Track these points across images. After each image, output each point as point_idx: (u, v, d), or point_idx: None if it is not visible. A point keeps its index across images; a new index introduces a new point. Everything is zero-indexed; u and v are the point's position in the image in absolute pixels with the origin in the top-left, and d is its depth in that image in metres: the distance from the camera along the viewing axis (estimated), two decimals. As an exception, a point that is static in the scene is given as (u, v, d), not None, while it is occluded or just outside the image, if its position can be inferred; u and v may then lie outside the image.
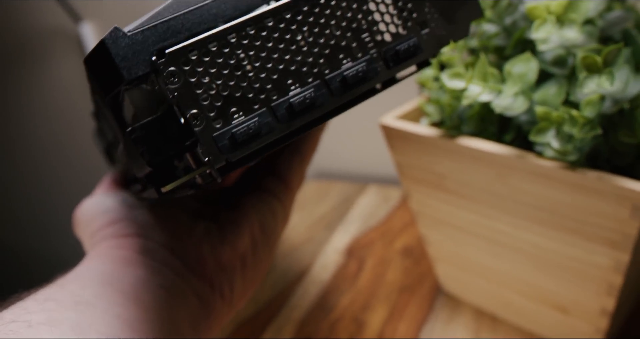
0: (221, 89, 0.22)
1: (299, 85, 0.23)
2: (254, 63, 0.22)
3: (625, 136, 0.34)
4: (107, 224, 0.32)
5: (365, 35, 0.24)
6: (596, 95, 0.30)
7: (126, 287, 0.27)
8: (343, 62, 0.24)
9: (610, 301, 0.37)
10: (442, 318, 0.48)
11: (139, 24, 0.21)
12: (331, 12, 0.24)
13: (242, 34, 0.22)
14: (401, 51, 0.25)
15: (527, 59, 0.33)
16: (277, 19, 0.22)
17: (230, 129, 0.21)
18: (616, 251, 0.34)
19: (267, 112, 0.22)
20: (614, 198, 0.32)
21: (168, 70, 0.21)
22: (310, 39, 0.23)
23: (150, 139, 0.21)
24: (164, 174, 0.23)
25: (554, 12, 0.31)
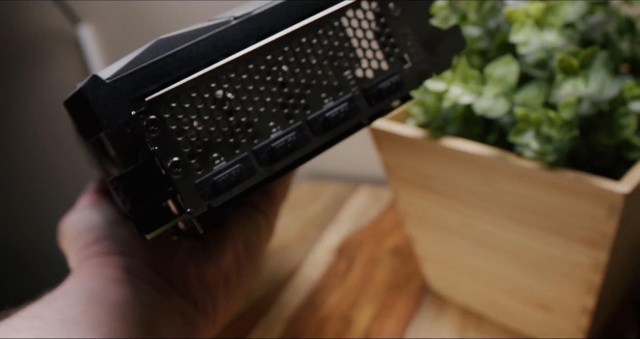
0: (202, 135, 0.21)
1: (280, 127, 0.22)
2: (235, 107, 0.22)
3: (604, 137, 0.34)
4: (92, 242, 0.33)
5: (347, 73, 0.24)
6: (573, 97, 0.31)
7: (111, 306, 0.28)
8: (325, 102, 0.23)
9: (590, 300, 0.38)
10: (428, 316, 0.49)
11: (119, 70, 0.21)
12: (312, 50, 0.23)
13: (222, 77, 0.21)
14: (383, 89, 0.25)
15: (508, 61, 0.34)
16: (257, 60, 0.22)
17: (211, 176, 0.21)
18: (595, 250, 0.35)
19: (249, 157, 0.22)
20: (591, 198, 0.32)
21: (148, 118, 0.20)
22: (292, 79, 0.23)
23: (132, 189, 0.21)
24: (147, 220, 0.23)
25: (532, 15, 0.31)
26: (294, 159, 0.23)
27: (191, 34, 0.22)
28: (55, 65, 0.89)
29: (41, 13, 0.85)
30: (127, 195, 0.21)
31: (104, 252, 0.32)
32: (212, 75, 0.21)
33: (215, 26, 0.22)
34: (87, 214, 0.35)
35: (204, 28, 0.22)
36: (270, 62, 0.22)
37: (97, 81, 0.20)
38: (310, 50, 0.23)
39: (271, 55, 0.22)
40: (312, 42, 0.23)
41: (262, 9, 0.23)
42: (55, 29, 0.86)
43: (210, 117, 0.21)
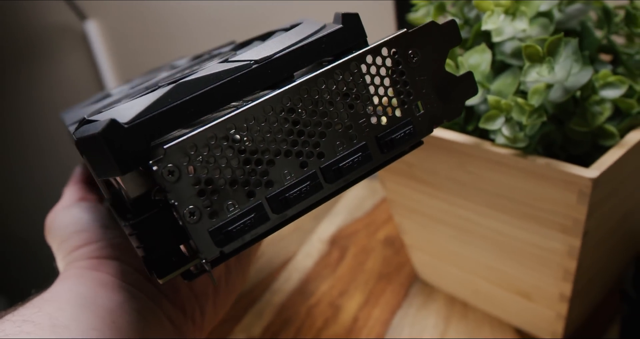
0: (217, 182, 0.21)
1: (294, 175, 0.22)
2: (252, 154, 0.21)
3: (577, 125, 0.35)
4: (83, 244, 0.32)
5: (362, 121, 0.23)
6: (542, 84, 0.31)
7: (102, 311, 0.28)
8: (339, 149, 0.23)
9: (568, 287, 0.38)
10: (415, 304, 0.50)
11: (138, 114, 0.20)
12: (330, 97, 0.22)
13: (242, 124, 0.21)
14: (396, 139, 0.24)
15: (482, 50, 0.35)
16: (277, 107, 0.21)
17: (225, 224, 0.21)
18: (568, 236, 0.35)
19: (262, 205, 0.21)
20: (562, 184, 0.33)
21: (166, 167, 0.20)
22: (308, 126, 0.22)
23: (147, 236, 0.21)
24: (161, 266, 0.22)
25: (503, 4, 0.32)
26: (305, 206, 0.23)
27: (211, 78, 0.21)
28: (63, 58, 0.91)
29: (50, 9, 0.87)
30: (142, 242, 0.21)
31: (94, 256, 0.31)
32: (231, 122, 0.21)
33: (236, 70, 0.21)
34: (77, 212, 0.35)
35: (225, 71, 0.21)
36: (289, 109, 0.22)
37: (115, 125, 0.19)
38: (328, 97, 0.22)
39: (291, 101, 0.22)
40: (332, 89, 0.22)
41: (282, 52, 0.22)
42: (64, 24, 0.88)
43: (227, 164, 0.21)
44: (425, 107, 0.25)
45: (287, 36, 0.24)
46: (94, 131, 0.19)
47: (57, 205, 0.37)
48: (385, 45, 0.24)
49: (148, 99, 0.20)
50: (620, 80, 0.33)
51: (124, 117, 0.20)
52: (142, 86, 0.31)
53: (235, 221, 0.21)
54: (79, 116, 0.41)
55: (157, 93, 0.21)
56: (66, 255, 0.32)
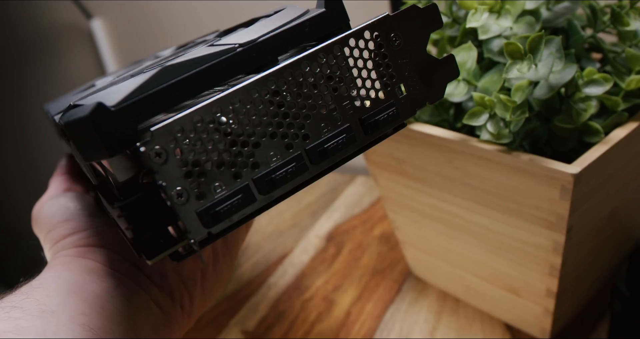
0: (204, 164, 0.21)
1: (279, 156, 0.22)
2: (238, 136, 0.22)
3: (562, 122, 0.35)
4: (70, 233, 0.33)
5: (345, 103, 0.24)
6: (525, 81, 0.32)
7: (90, 297, 0.28)
8: (323, 131, 0.23)
9: (554, 282, 0.38)
10: (408, 300, 0.50)
11: (124, 97, 0.20)
12: (315, 80, 0.23)
13: (227, 107, 0.21)
14: (380, 120, 0.25)
15: (469, 48, 0.35)
16: (262, 90, 0.22)
17: (213, 205, 0.21)
18: (553, 232, 0.35)
19: (249, 186, 0.22)
20: (545, 180, 0.33)
21: (153, 149, 0.20)
22: (293, 109, 0.22)
23: (135, 218, 0.21)
24: (150, 247, 0.22)
25: (487, 3, 0.32)
26: (291, 187, 0.23)
27: (197, 61, 0.21)
28: (70, 55, 0.93)
29: (57, 8, 0.89)
30: (131, 224, 0.21)
31: (82, 244, 0.32)
32: (217, 105, 0.21)
33: (221, 53, 0.22)
34: (63, 202, 0.35)
35: (210, 55, 0.22)
36: (274, 92, 0.22)
37: (102, 109, 0.19)
38: (312, 80, 0.23)
39: (275, 84, 0.22)
40: (315, 72, 0.23)
41: (266, 36, 0.23)
42: (70, 23, 0.90)
43: (214, 146, 0.21)
44: (407, 89, 0.26)
45: (271, 20, 0.24)
46: (81, 115, 0.19)
47: (43, 196, 0.37)
48: (368, 29, 0.24)
49: (134, 83, 0.21)
50: (604, 78, 0.34)
51: (111, 100, 0.20)
52: (127, 74, 0.31)
53: (223, 202, 0.21)
54: (64, 105, 0.42)
55: (143, 77, 0.21)
56: (53, 244, 0.33)
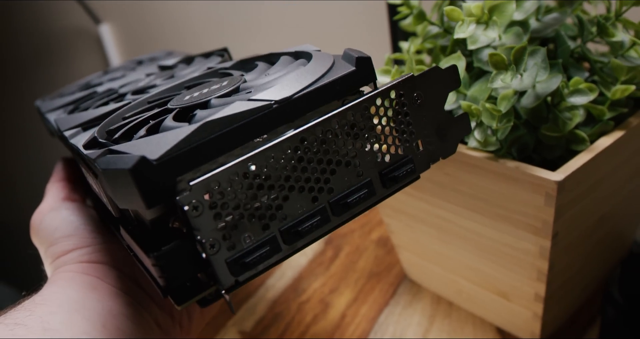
0: (236, 216, 0.22)
1: (305, 208, 0.23)
2: (269, 190, 0.22)
3: (549, 130, 0.36)
4: (72, 249, 0.33)
5: (368, 157, 0.25)
6: (510, 90, 0.33)
7: (92, 315, 0.28)
8: (347, 184, 0.24)
9: (542, 287, 0.39)
10: (402, 303, 0.51)
11: (167, 151, 0.21)
12: (342, 136, 0.24)
13: (262, 162, 0.22)
14: (399, 176, 0.25)
15: (458, 57, 0.36)
16: (294, 145, 0.23)
17: (242, 256, 0.22)
18: (539, 237, 0.36)
19: (276, 237, 0.23)
20: (530, 186, 0.34)
21: (191, 202, 0.20)
22: (322, 164, 0.23)
23: (168, 267, 0.22)
24: (180, 293, 0.23)
25: (475, 14, 0.33)
26: (313, 237, 0.24)
27: (236, 118, 0.22)
28: (79, 59, 0.95)
29: (67, 13, 0.91)
30: (165, 273, 0.22)
31: (84, 260, 0.32)
32: (252, 160, 0.22)
33: (258, 110, 0.22)
34: (65, 215, 0.35)
35: (248, 111, 0.22)
36: (305, 147, 0.23)
37: (145, 163, 0.20)
38: (340, 136, 0.24)
39: (307, 140, 0.23)
40: (344, 128, 0.24)
41: (300, 93, 0.23)
42: (80, 27, 0.92)
43: (246, 199, 0.22)
44: (424, 145, 0.27)
45: (302, 74, 0.25)
46: (123, 166, 0.20)
47: (41, 204, 0.37)
48: (394, 88, 0.25)
49: (175, 136, 0.21)
50: (589, 88, 0.34)
51: (153, 153, 0.21)
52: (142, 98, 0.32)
53: (251, 252, 0.22)
54: (55, 105, 0.42)
55: (183, 130, 0.22)
56: (55, 259, 0.33)
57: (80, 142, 0.29)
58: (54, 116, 0.39)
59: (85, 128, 0.31)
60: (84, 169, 0.30)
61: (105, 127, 0.29)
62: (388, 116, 0.25)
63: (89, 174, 0.29)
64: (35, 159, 1.10)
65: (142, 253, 0.23)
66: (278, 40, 0.77)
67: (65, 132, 0.31)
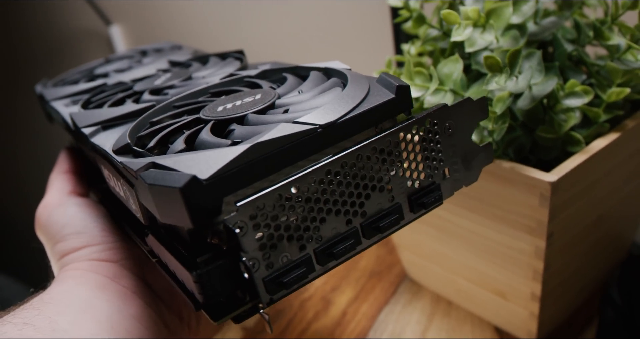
0: (276, 236, 0.22)
1: (339, 230, 0.24)
2: (309, 212, 0.23)
3: (545, 132, 0.37)
4: (82, 246, 0.33)
5: (400, 183, 0.25)
6: (505, 92, 0.34)
7: (101, 315, 0.28)
8: (378, 208, 0.25)
9: (538, 286, 0.40)
10: (402, 301, 0.52)
11: (217, 171, 0.21)
12: (378, 161, 0.24)
13: (304, 184, 0.22)
14: (427, 202, 0.26)
15: (455, 60, 0.37)
16: (334, 169, 0.23)
17: (279, 275, 0.22)
18: (534, 237, 0.37)
19: (311, 257, 0.23)
20: (525, 187, 0.35)
21: (237, 222, 0.21)
22: (359, 188, 0.24)
23: (210, 285, 0.22)
24: (218, 309, 0.24)
25: (471, 18, 0.34)
26: (345, 258, 0.24)
27: (282, 140, 0.23)
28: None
29: (79, 15, 0.92)
30: (205, 290, 0.22)
31: (94, 258, 0.32)
32: (297, 182, 0.22)
33: (303, 134, 0.23)
34: (74, 212, 0.35)
35: (294, 134, 0.23)
36: (345, 172, 0.23)
37: (196, 182, 0.20)
38: (377, 162, 0.24)
39: (347, 164, 0.23)
40: (381, 154, 0.24)
41: (343, 118, 0.24)
42: (90, 28, 0.93)
43: (287, 220, 0.22)
44: (451, 173, 0.28)
45: (343, 99, 0.26)
46: (173, 184, 0.20)
47: (46, 197, 0.37)
48: (429, 117, 0.26)
49: (224, 156, 0.22)
50: (584, 91, 0.35)
51: (202, 172, 0.21)
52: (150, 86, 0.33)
53: (288, 272, 0.22)
54: (61, 94, 0.41)
55: (232, 150, 0.22)
56: (63, 256, 0.33)
57: (105, 144, 0.29)
58: (63, 106, 0.39)
59: (104, 127, 0.32)
60: (107, 170, 0.30)
61: (134, 132, 0.29)
62: (421, 143, 0.26)
63: (115, 178, 0.29)
64: (45, 155, 1.12)
65: (181, 268, 0.24)
66: (284, 42, 0.78)
67: (83, 130, 0.31)
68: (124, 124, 0.32)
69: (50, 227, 0.34)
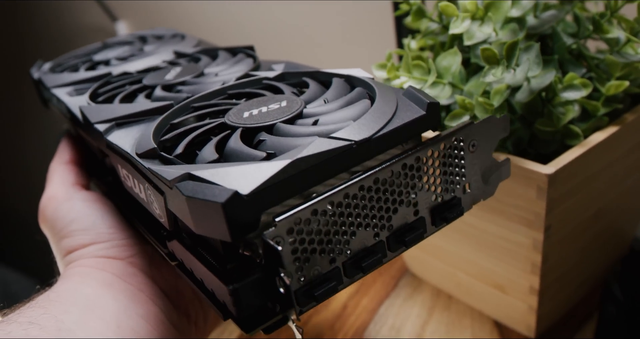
0: (310, 250, 0.22)
1: (367, 243, 0.24)
2: (341, 226, 0.23)
3: (543, 125, 0.37)
4: (89, 243, 0.32)
5: (425, 197, 0.26)
6: (503, 85, 0.34)
7: (107, 314, 0.28)
8: (403, 221, 0.25)
9: (536, 279, 0.40)
10: (402, 295, 0.52)
11: (257, 186, 0.21)
12: (407, 176, 0.25)
13: (340, 199, 0.23)
14: (449, 217, 0.27)
15: (454, 53, 0.37)
16: (367, 185, 0.23)
17: (310, 288, 0.22)
18: (532, 230, 0.37)
19: (340, 271, 0.23)
20: (522, 180, 0.35)
21: (275, 237, 0.21)
22: (388, 203, 0.24)
23: (245, 298, 0.22)
24: (250, 322, 0.24)
25: (469, 10, 0.34)
26: (370, 270, 0.25)
27: (319, 156, 0.23)
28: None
29: (85, 11, 0.93)
30: (240, 303, 0.22)
31: (100, 255, 0.32)
32: (332, 198, 0.22)
33: (339, 149, 0.23)
34: (81, 208, 0.34)
35: (331, 150, 0.23)
36: (376, 187, 0.24)
37: (237, 198, 0.21)
38: (406, 176, 0.25)
39: (380, 180, 0.24)
40: (410, 169, 0.25)
41: (377, 134, 0.24)
42: (96, 24, 0.94)
43: (321, 234, 0.22)
44: (471, 188, 0.28)
45: (374, 114, 0.26)
46: (214, 199, 0.21)
47: (50, 189, 0.36)
48: (456, 134, 0.26)
49: (264, 170, 0.22)
50: (583, 84, 0.35)
51: (243, 187, 0.21)
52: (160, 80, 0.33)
53: (319, 285, 0.23)
54: (61, 81, 0.41)
55: (272, 166, 0.22)
56: (69, 252, 0.32)
57: (123, 144, 0.28)
58: (67, 95, 0.38)
59: (119, 124, 0.31)
60: (126, 170, 0.30)
61: (156, 134, 0.29)
62: (447, 159, 0.26)
63: (137, 180, 0.29)
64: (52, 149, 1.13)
65: (214, 279, 0.24)
66: (287, 36, 0.79)
67: (97, 126, 0.31)
68: (138, 121, 0.31)
69: (56, 223, 0.34)
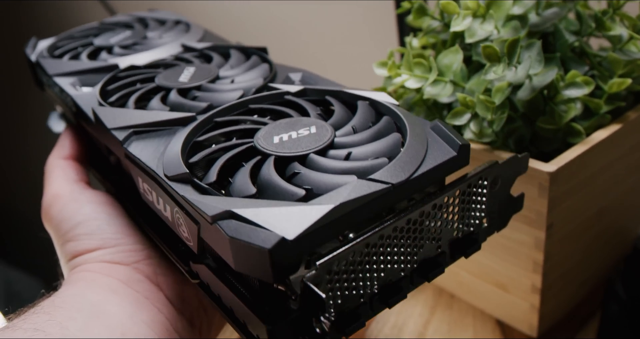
0: (343, 289, 0.23)
1: (392, 278, 0.25)
2: (373, 264, 0.24)
3: (545, 123, 0.36)
4: (95, 248, 0.32)
5: (448, 233, 0.26)
6: (504, 82, 0.33)
7: (112, 321, 0.28)
8: (426, 256, 0.26)
9: (538, 278, 0.40)
10: (404, 293, 0.52)
11: (303, 232, 0.21)
12: (436, 214, 0.25)
13: (375, 242, 0.23)
14: (467, 251, 0.27)
15: (455, 51, 0.37)
16: (400, 226, 0.24)
17: (341, 324, 0.23)
18: (534, 228, 0.37)
19: (367, 305, 0.24)
20: (523, 177, 0.34)
21: (314, 279, 0.21)
22: (417, 240, 0.25)
23: (281, 335, 0.23)
24: None
25: (470, 7, 0.34)
26: (394, 305, 0.25)
27: (359, 200, 0.23)
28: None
29: (84, 7, 0.93)
30: None
31: (107, 260, 0.31)
32: (369, 240, 0.23)
33: (378, 192, 0.24)
34: (88, 210, 0.34)
35: (370, 194, 0.23)
36: (409, 227, 0.24)
37: (283, 244, 0.21)
38: (434, 216, 0.25)
39: (412, 221, 0.24)
40: (440, 209, 0.25)
41: (412, 176, 0.25)
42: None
43: (354, 276, 0.23)
44: (489, 222, 0.28)
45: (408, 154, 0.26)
46: (261, 244, 0.21)
47: (53, 186, 0.36)
48: (481, 174, 0.27)
49: (309, 216, 0.22)
50: (585, 81, 0.35)
51: (288, 232, 0.21)
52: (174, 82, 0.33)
53: (348, 321, 0.23)
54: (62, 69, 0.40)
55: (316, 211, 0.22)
56: (75, 256, 0.32)
57: (144, 156, 0.28)
58: (71, 86, 0.37)
59: (137, 132, 0.30)
60: (148, 185, 0.29)
61: (183, 154, 0.28)
62: (470, 197, 0.27)
63: (163, 200, 0.28)
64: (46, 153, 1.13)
65: (249, 313, 0.24)
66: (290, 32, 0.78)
67: (114, 132, 0.30)
68: (157, 131, 0.31)
69: (62, 224, 0.34)
